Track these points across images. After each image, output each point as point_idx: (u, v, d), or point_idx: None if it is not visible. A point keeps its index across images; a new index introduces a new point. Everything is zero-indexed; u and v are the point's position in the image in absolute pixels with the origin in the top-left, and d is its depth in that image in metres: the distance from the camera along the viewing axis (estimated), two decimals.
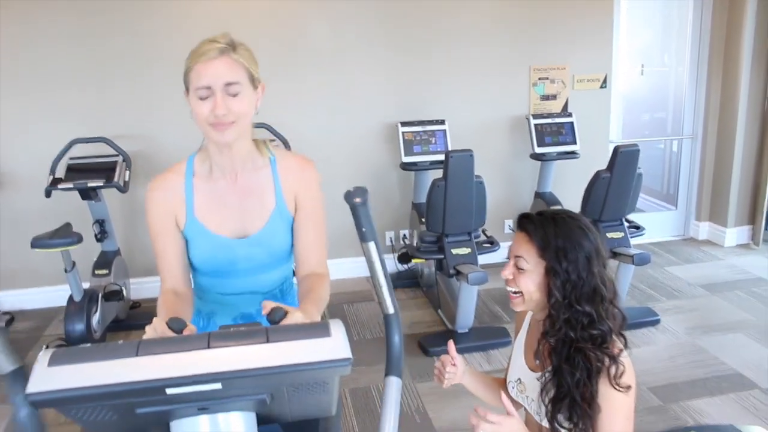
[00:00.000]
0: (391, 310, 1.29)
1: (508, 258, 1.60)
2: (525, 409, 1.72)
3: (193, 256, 1.68)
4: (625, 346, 1.54)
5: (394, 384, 1.25)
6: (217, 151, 1.61)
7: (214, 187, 1.65)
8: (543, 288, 1.53)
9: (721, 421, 3.05)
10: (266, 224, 1.66)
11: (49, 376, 0.90)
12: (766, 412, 3.13)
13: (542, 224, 1.52)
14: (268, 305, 1.31)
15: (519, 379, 1.70)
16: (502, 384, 1.82)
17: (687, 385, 3.40)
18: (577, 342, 1.48)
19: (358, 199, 1.19)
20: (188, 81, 1.53)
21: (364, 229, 1.23)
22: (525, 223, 1.56)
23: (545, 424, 1.57)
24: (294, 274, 1.77)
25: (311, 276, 1.67)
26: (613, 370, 1.47)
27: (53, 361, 0.91)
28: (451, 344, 1.73)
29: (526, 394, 1.66)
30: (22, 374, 0.96)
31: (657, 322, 4.10)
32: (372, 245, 1.25)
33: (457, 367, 1.73)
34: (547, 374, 1.55)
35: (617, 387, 1.46)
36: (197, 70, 1.50)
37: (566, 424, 1.51)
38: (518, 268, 1.55)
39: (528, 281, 1.54)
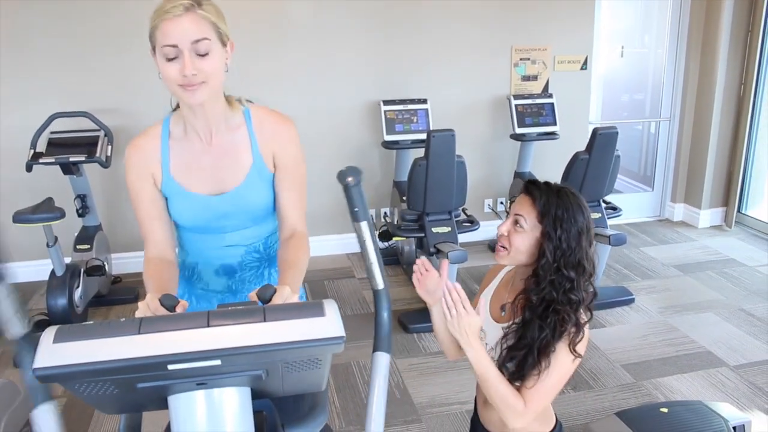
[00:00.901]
0: (380, 286, 1.31)
1: (508, 215, 1.72)
2: None
3: (173, 214, 1.70)
4: (590, 319, 1.67)
5: (383, 359, 1.27)
6: (190, 112, 1.60)
7: (190, 147, 1.65)
8: (532, 251, 1.66)
9: (690, 398, 3.16)
10: (244, 180, 1.67)
11: (54, 352, 0.93)
12: (733, 389, 3.25)
13: (547, 193, 1.65)
14: (254, 296, 1.35)
15: (481, 327, 1.79)
16: None
17: (659, 362, 3.51)
18: (557, 303, 1.60)
19: (350, 179, 1.21)
20: (154, 40, 1.50)
21: (356, 209, 1.24)
22: (532, 188, 1.68)
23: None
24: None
25: (292, 239, 1.68)
26: (574, 335, 1.61)
27: (58, 338, 0.95)
28: (444, 263, 1.75)
29: (485, 341, 1.77)
30: (29, 338, 0.99)
31: (631, 301, 4.20)
32: (364, 224, 1.26)
33: (438, 282, 1.73)
34: (513, 325, 1.68)
35: (572, 351, 1.61)
36: (162, 29, 1.46)
37: (512, 369, 1.64)
38: (515, 227, 1.67)
39: (521, 240, 1.66)
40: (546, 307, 1.61)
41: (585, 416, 3.03)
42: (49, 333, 0.96)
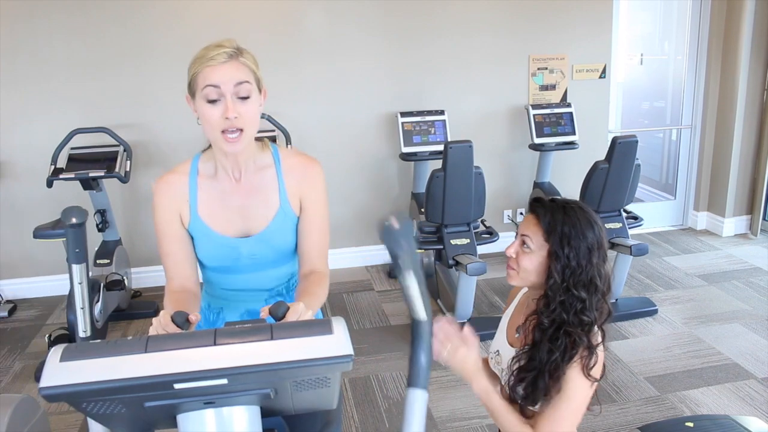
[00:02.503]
0: (423, 317, 1.21)
1: (516, 237, 1.66)
2: (500, 380, 1.78)
3: (198, 254, 1.70)
4: (603, 340, 1.60)
5: (420, 396, 1.19)
6: (222, 155, 1.62)
7: (218, 186, 1.66)
8: (541, 270, 1.59)
9: (717, 411, 3.09)
10: (270, 223, 1.67)
11: (61, 371, 0.92)
12: (761, 402, 3.17)
13: (552, 210, 1.58)
14: (265, 311, 1.35)
15: (498, 351, 1.77)
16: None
17: (684, 375, 3.44)
18: (568, 325, 1.54)
19: (396, 225, 1.15)
20: (195, 85, 1.53)
21: (399, 261, 1.17)
22: (536, 206, 1.62)
23: (507, 389, 1.65)
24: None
25: (312, 274, 1.69)
26: (587, 359, 1.54)
27: (65, 357, 0.94)
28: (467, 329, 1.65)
29: (501, 367, 1.73)
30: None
31: (654, 312, 4.13)
32: (410, 274, 1.18)
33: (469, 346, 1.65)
34: (525, 347, 1.62)
35: (588, 376, 1.54)
36: (205, 74, 1.50)
37: (522, 393, 1.59)
38: (523, 248, 1.61)
39: (529, 261, 1.59)
40: (557, 329, 1.55)
41: (608, 430, 2.97)
42: (56, 352, 0.95)
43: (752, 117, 5.30)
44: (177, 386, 0.93)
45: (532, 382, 1.56)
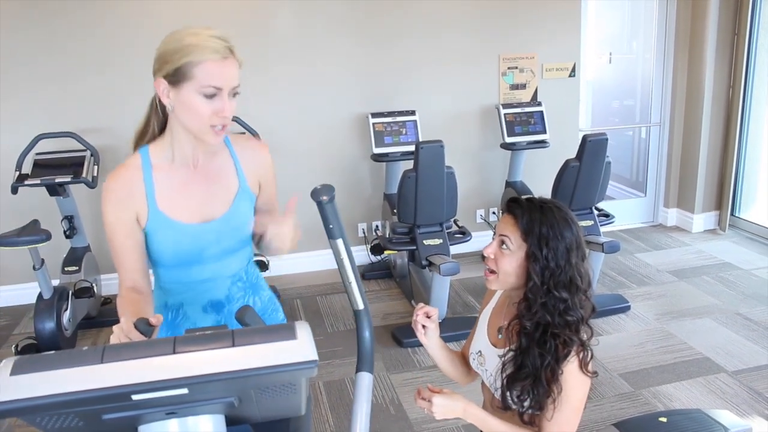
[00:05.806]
0: (360, 306, 1.30)
1: (494, 237, 1.64)
2: (482, 379, 1.77)
3: (157, 250, 1.65)
4: (591, 336, 1.59)
5: (366, 379, 1.26)
6: (188, 141, 1.60)
7: (176, 176, 1.63)
8: (520, 271, 1.57)
9: (689, 406, 3.11)
10: (231, 206, 1.68)
11: (11, 386, 0.88)
12: (732, 395, 3.21)
13: (529, 210, 1.56)
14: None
15: (480, 351, 1.75)
16: (460, 356, 1.87)
17: (657, 370, 3.46)
18: (554, 327, 1.52)
19: (324, 197, 1.21)
20: (189, 74, 1.47)
21: (331, 226, 1.24)
22: (513, 206, 1.60)
23: (498, 395, 1.63)
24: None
25: None
26: (582, 355, 1.53)
27: (16, 370, 0.90)
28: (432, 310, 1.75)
29: (485, 367, 1.72)
30: None
31: (627, 308, 4.16)
32: (340, 242, 1.26)
33: (431, 322, 1.74)
34: (510, 352, 1.60)
35: (586, 373, 1.53)
36: (207, 68, 1.46)
37: (516, 399, 1.57)
38: (501, 249, 1.59)
39: (509, 262, 1.58)
40: (543, 332, 1.53)
41: (582, 428, 2.96)
42: (7, 365, 0.91)
43: (719, 114, 5.37)
44: (135, 397, 0.90)
45: (531, 389, 1.54)
